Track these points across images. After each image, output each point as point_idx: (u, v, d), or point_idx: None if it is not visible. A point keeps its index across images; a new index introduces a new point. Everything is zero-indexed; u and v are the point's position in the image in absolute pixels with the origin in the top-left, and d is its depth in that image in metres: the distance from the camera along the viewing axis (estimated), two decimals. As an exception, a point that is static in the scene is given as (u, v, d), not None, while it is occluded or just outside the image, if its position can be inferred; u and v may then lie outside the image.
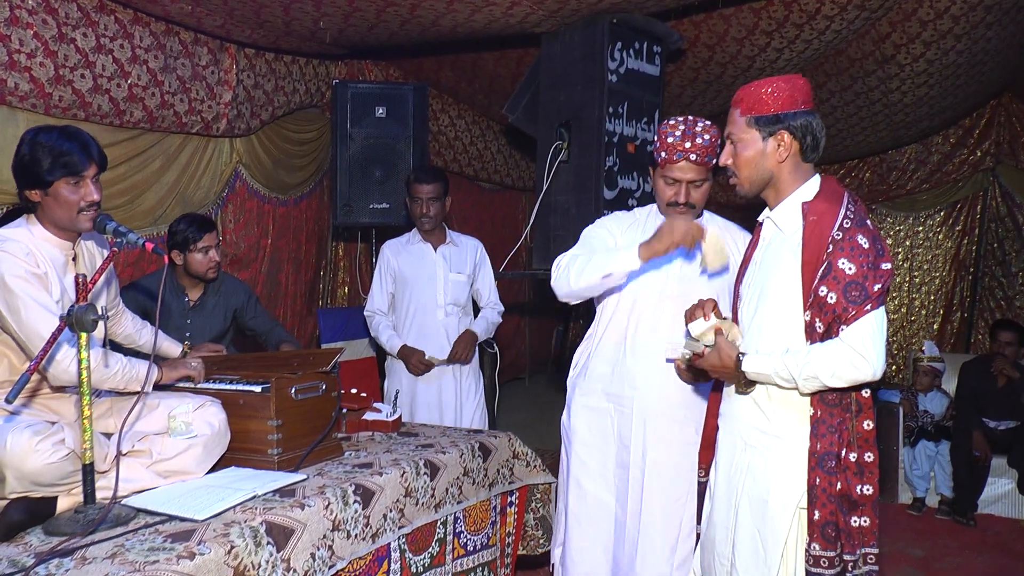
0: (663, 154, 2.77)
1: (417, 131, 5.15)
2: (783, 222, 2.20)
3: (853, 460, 2.07)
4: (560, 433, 3.18)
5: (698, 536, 2.53)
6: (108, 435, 2.46)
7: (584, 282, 2.72)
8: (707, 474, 2.44)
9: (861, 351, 1.99)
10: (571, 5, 4.12)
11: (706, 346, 2.24)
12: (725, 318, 2.27)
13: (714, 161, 2.77)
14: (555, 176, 4.38)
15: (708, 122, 2.81)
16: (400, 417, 3.40)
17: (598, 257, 2.70)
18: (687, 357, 2.35)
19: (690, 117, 2.81)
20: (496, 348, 4.38)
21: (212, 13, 4.21)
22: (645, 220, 3.03)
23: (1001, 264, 7.75)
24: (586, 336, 3.12)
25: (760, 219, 2.31)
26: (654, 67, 4.62)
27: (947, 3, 4.99)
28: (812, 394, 2.09)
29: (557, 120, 4.42)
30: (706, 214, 3.03)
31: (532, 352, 8.50)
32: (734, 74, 5.64)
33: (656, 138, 2.82)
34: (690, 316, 2.28)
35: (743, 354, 2.14)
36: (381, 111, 5.05)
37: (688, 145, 2.73)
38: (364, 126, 5.07)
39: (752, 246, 2.33)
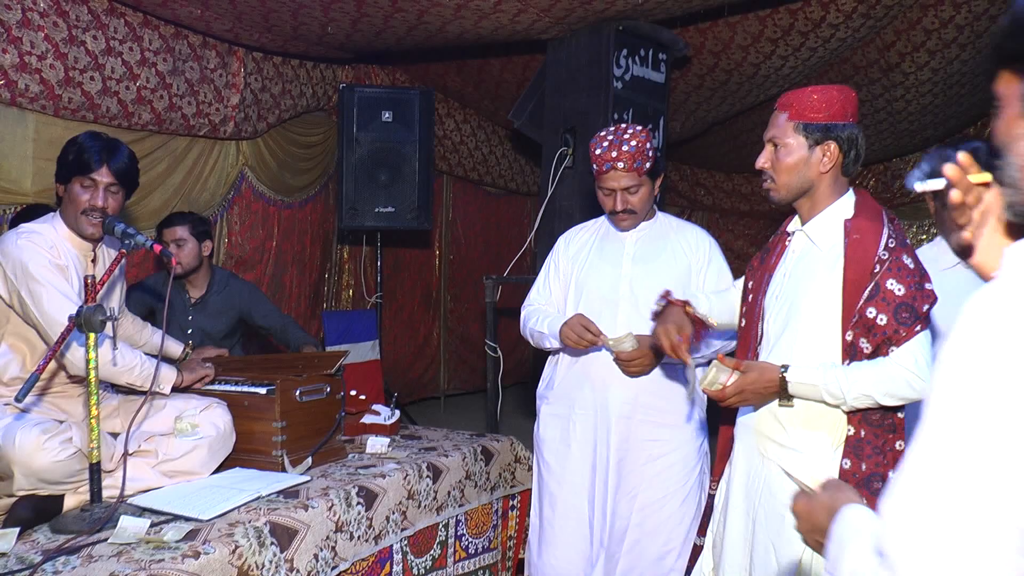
0: (595, 166, 2.84)
1: (423, 135, 5.17)
2: (819, 236, 2.15)
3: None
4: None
5: (696, 547, 2.51)
6: (115, 435, 2.49)
7: (539, 347, 3.06)
8: (716, 486, 2.41)
9: (916, 371, 1.95)
10: (577, 12, 4.14)
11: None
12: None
13: (647, 165, 2.80)
14: (560, 181, 4.40)
15: (637, 127, 2.84)
16: (399, 420, 3.41)
17: (540, 329, 2.98)
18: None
19: (622, 125, 2.85)
20: (499, 352, 4.38)
21: (221, 17, 4.24)
22: (597, 229, 3.10)
23: (1004, 273, 7.75)
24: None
25: (790, 230, 2.27)
26: (659, 74, 4.64)
27: (952, 12, 5.01)
28: (852, 413, 2.04)
29: (562, 126, 4.44)
30: (659, 216, 3.05)
31: (535, 357, 8.51)
32: (739, 81, 5.66)
33: (589, 153, 2.87)
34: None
35: (786, 367, 2.08)
36: (387, 115, 5.07)
37: (615, 154, 2.76)
38: (370, 130, 5.09)
39: (776, 256, 2.28)
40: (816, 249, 2.15)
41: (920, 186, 1.40)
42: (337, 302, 6.28)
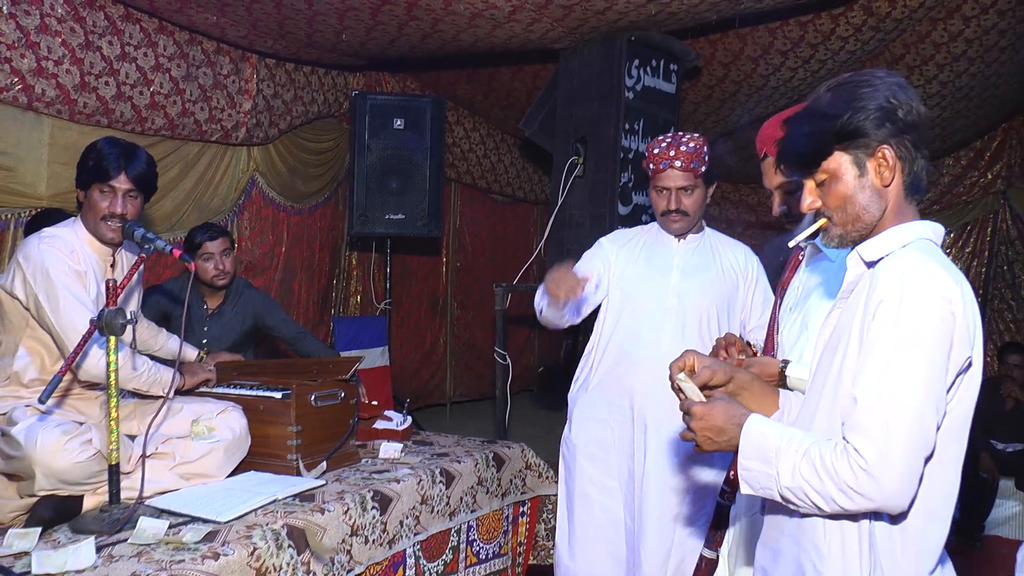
0: (651, 165, 2.91)
1: (434, 143, 5.20)
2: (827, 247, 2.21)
3: None
4: (560, 447, 3.21)
5: (706, 559, 2.52)
6: (132, 437, 2.50)
7: (545, 322, 3.00)
8: (732, 497, 2.42)
9: None
10: (590, 22, 4.17)
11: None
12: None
13: (702, 168, 2.88)
14: (570, 191, 4.42)
15: (696, 134, 2.93)
16: (411, 426, 3.43)
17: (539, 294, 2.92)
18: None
19: (679, 132, 2.94)
20: (508, 360, 4.40)
21: (236, 24, 4.27)
22: (644, 237, 3.12)
23: (1011, 287, 7.75)
24: (586, 351, 3.15)
25: (802, 245, 2.30)
26: (670, 84, 4.67)
27: (961, 26, 5.04)
28: None
29: (573, 135, 4.46)
30: (707, 230, 3.09)
31: (541, 364, 8.52)
32: (748, 92, 5.68)
33: (646, 154, 2.95)
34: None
35: (787, 361, 2.14)
36: (399, 123, 5.10)
37: (672, 153, 2.85)
38: (382, 137, 5.12)
39: (790, 272, 2.33)
40: (827, 260, 2.19)
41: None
42: (345, 308, 6.30)
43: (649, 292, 2.98)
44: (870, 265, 1.55)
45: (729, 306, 3.00)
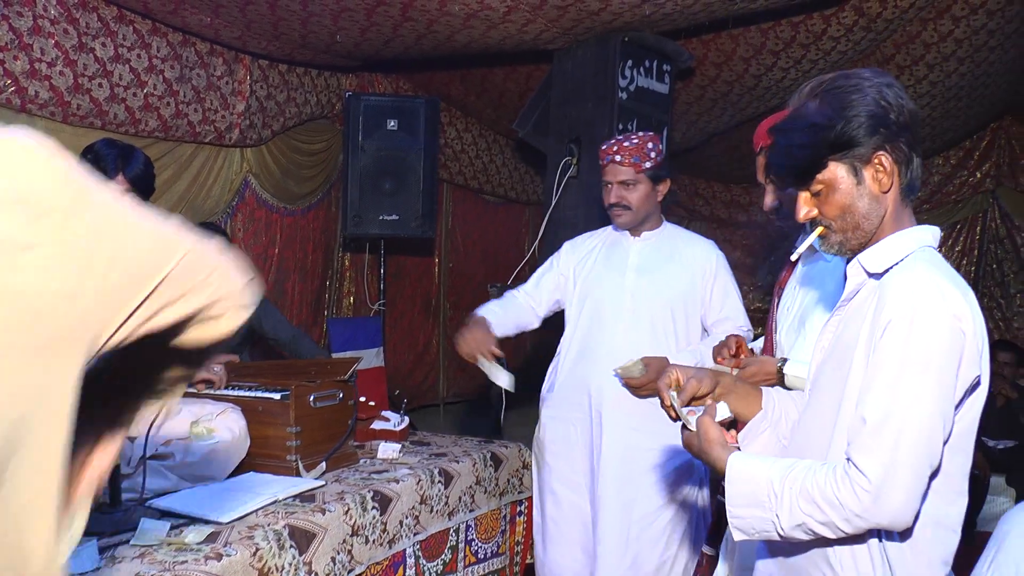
0: (600, 162, 3.01)
1: (428, 144, 5.19)
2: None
3: None
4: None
5: (707, 556, 2.54)
6: (131, 439, 2.49)
7: None
8: None
9: None
10: (585, 23, 4.19)
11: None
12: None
13: (646, 164, 2.91)
14: (564, 191, 4.43)
15: (648, 132, 3.01)
16: (408, 427, 3.43)
17: None
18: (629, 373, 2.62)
19: (632, 131, 2.99)
20: (504, 360, 4.40)
21: (230, 25, 4.26)
22: (605, 237, 3.19)
23: (1000, 285, 7.81)
24: (556, 352, 3.23)
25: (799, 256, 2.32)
26: (663, 85, 4.69)
27: (951, 26, 5.07)
28: None
29: (567, 136, 4.47)
30: (667, 226, 3.12)
31: (530, 363, 8.52)
32: (740, 92, 5.71)
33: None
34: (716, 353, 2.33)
35: (785, 360, 2.16)
36: (393, 124, 5.09)
37: (616, 148, 2.93)
38: (375, 138, 5.11)
39: (788, 271, 2.36)
40: (823, 261, 2.21)
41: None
42: (338, 309, 6.29)
43: (606, 291, 3.04)
44: (872, 275, 1.53)
45: (686, 302, 3.01)
